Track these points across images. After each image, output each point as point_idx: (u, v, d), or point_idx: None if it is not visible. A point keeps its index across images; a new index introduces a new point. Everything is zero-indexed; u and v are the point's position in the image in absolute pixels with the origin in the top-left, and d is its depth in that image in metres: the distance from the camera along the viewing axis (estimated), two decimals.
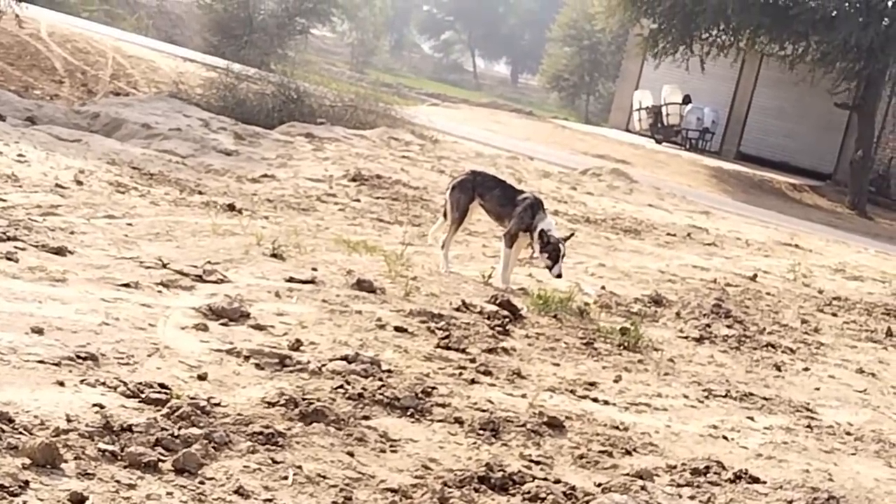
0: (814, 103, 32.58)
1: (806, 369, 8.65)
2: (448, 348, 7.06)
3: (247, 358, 6.07)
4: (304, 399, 5.47)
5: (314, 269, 8.45)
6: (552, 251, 9.18)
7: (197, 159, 13.73)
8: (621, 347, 8.04)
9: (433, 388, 6.15)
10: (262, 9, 41.58)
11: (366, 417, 5.52)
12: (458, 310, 8.11)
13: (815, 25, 27.70)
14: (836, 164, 34.43)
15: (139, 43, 29.03)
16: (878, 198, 31.49)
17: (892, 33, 27.02)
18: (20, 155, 11.11)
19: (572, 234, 10.13)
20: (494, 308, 8.27)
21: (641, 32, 31.76)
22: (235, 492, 4.43)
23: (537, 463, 5.40)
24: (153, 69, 24.28)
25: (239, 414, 5.17)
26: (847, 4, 27.78)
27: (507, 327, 7.92)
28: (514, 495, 4.96)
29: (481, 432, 5.64)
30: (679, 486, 5.46)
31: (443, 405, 5.93)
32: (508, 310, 8.29)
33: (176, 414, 4.97)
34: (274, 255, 8.67)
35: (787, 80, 31.13)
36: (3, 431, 4.45)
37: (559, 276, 9.26)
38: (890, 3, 27.41)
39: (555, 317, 8.52)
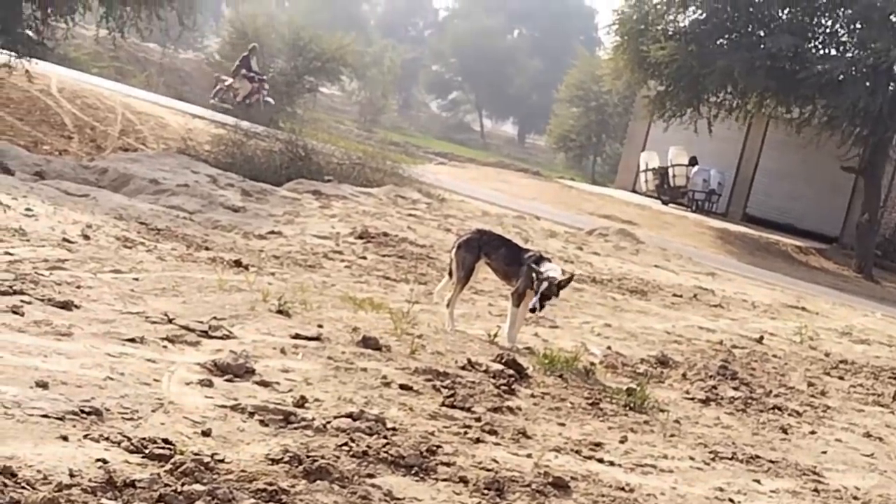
0: (820, 166, 32.63)
1: (812, 432, 8.60)
2: (453, 407, 7.04)
3: (251, 414, 6.05)
4: (308, 456, 5.45)
5: (320, 326, 8.44)
6: (537, 285, 9.09)
7: (204, 215, 13.77)
8: (627, 408, 8.01)
9: (438, 446, 6.12)
10: (271, 67, 41.80)
11: (370, 475, 5.49)
12: (463, 368, 8.08)
13: (822, 89, 27.75)
14: (842, 227, 34.41)
15: (149, 99, 29.20)
16: (885, 261, 31.42)
17: None
18: (28, 209, 11.14)
19: (572, 277, 9.88)
20: (500, 367, 8.24)
21: (648, 94, 31.88)
22: None
23: None
24: (162, 125, 24.41)
25: (243, 470, 5.14)
26: (854, 69, 27.85)
27: (513, 386, 7.89)
28: None
29: (486, 492, 5.61)
30: None
31: (447, 464, 5.90)
32: (514, 369, 8.26)
33: (179, 470, 4.94)
34: (280, 312, 8.66)
35: (794, 142, 31.19)
36: (6, 486, 4.43)
37: (533, 310, 9.16)
38: None
39: (560, 376, 8.49)
